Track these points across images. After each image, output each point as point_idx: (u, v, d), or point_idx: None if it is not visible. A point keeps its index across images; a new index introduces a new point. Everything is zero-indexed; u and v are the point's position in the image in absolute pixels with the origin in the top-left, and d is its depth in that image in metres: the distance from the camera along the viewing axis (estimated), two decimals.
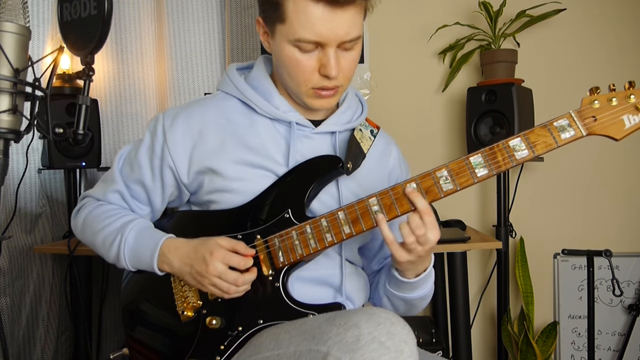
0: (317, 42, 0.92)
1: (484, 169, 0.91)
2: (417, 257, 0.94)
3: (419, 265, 0.98)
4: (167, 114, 1.04)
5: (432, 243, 0.92)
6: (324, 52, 0.93)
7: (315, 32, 0.90)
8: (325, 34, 0.90)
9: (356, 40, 0.94)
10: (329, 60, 0.92)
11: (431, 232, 0.91)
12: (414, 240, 0.90)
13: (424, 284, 1.03)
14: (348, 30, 0.91)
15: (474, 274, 2.20)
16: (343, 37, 0.91)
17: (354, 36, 0.93)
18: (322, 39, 0.91)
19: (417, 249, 0.91)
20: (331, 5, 0.88)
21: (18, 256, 1.78)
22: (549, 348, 2.02)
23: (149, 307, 1.05)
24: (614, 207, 2.19)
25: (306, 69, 0.94)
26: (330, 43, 0.91)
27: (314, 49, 0.93)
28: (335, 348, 0.74)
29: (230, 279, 0.92)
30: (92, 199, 1.10)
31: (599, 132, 0.90)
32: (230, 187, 0.99)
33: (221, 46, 2.12)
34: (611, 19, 2.17)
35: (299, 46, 0.93)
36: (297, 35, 0.91)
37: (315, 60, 0.94)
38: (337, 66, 0.93)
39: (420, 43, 2.20)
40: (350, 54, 0.95)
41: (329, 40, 0.91)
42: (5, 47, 0.77)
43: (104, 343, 2.08)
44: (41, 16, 1.81)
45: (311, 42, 0.91)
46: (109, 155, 2.05)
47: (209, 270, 0.92)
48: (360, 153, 1.04)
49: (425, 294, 1.05)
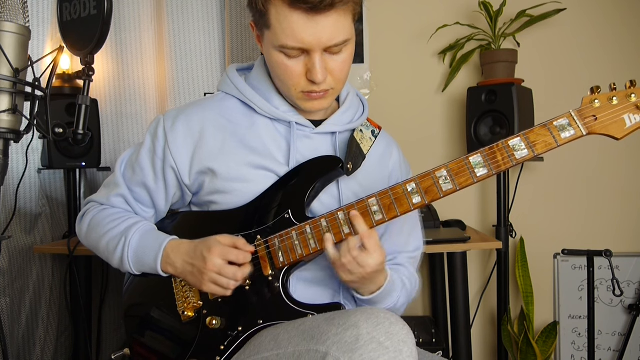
0: (301, 49, 0.91)
1: (484, 168, 0.91)
2: (361, 279, 0.93)
3: (368, 285, 0.96)
4: (168, 116, 1.04)
5: (373, 267, 0.91)
6: (310, 57, 0.92)
7: (297, 38, 0.90)
8: (307, 40, 0.90)
9: (344, 44, 0.93)
10: (314, 65, 0.92)
11: (370, 257, 0.90)
12: (351, 260, 0.90)
13: (383, 299, 1.00)
14: (332, 35, 0.90)
15: (474, 274, 2.20)
16: (327, 42, 0.91)
17: (340, 40, 0.92)
18: (304, 45, 0.90)
19: (356, 270, 0.91)
20: (309, 12, 0.87)
21: (18, 256, 1.78)
22: (549, 348, 2.02)
23: (150, 307, 1.05)
24: (614, 207, 2.19)
25: (293, 74, 0.95)
26: (314, 49, 0.91)
27: (300, 54, 0.93)
28: (334, 348, 0.74)
29: (229, 273, 0.92)
30: (96, 204, 1.10)
31: (600, 131, 0.89)
32: (231, 187, 0.99)
33: (221, 46, 2.12)
34: (611, 19, 2.17)
35: (284, 52, 0.93)
36: (281, 42, 0.91)
37: (302, 65, 0.94)
38: (323, 71, 0.93)
39: (420, 43, 2.20)
40: (339, 57, 0.95)
41: (312, 46, 0.90)
42: (5, 47, 0.77)
43: (104, 343, 2.08)
44: (41, 16, 1.81)
45: (295, 48, 0.91)
46: (109, 155, 2.05)
47: (207, 266, 0.92)
48: (361, 154, 1.04)
49: (392, 306, 1.02)
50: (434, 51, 2.21)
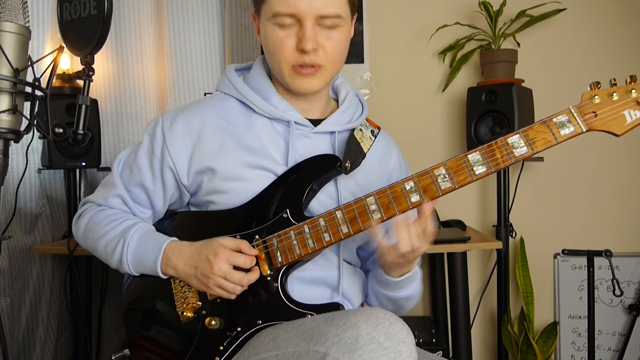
0: (293, 15, 0.93)
1: (483, 166, 0.90)
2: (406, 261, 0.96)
3: (405, 266, 1.00)
4: (166, 116, 1.04)
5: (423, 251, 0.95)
6: (301, 27, 0.94)
7: (290, 3, 0.92)
8: (299, 6, 0.92)
9: (336, 19, 0.95)
10: (305, 33, 0.93)
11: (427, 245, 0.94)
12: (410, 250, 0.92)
13: (408, 283, 1.03)
14: (324, 4, 0.92)
15: (474, 274, 2.20)
16: (319, 10, 0.92)
17: (332, 12, 0.93)
18: (297, 10, 0.92)
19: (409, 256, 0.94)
20: None
21: (18, 256, 1.78)
22: (549, 348, 2.01)
23: (150, 308, 1.05)
24: (614, 207, 2.19)
25: (286, 46, 0.95)
26: (306, 16, 0.92)
27: (293, 23, 0.94)
28: (333, 348, 0.74)
29: (236, 279, 0.92)
30: (93, 205, 1.09)
31: (600, 127, 0.88)
32: (229, 187, 0.99)
33: (221, 46, 2.12)
34: (611, 18, 2.17)
35: (278, 23, 0.94)
36: (274, 9, 0.93)
37: (294, 37, 0.95)
38: (313, 40, 0.94)
39: (420, 43, 2.20)
40: (332, 34, 0.96)
41: (304, 12, 0.92)
42: (5, 47, 0.77)
43: (104, 343, 2.08)
44: (41, 16, 1.81)
45: (287, 14, 0.93)
46: (109, 155, 2.05)
47: (213, 270, 0.91)
48: (360, 152, 1.04)
49: (411, 294, 1.06)
50: (434, 51, 2.21)
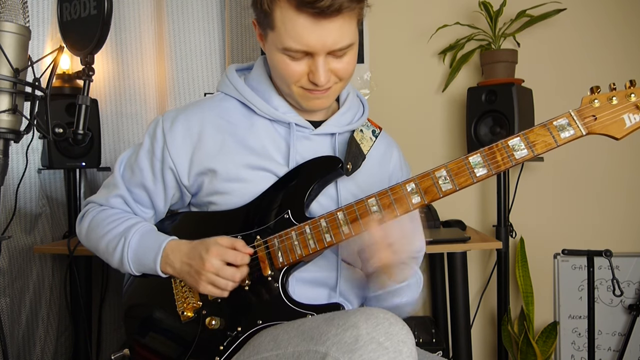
0: (305, 52, 0.92)
1: (483, 168, 0.91)
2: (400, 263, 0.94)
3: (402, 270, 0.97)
4: (167, 117, 1.04)
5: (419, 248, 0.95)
6: (313, 60, 0.93)
7: (302, 42, 0.90)
8: (312, 44, 0.90)
9: (348, 48, 0.93)
10: (317, 69, 0.92)
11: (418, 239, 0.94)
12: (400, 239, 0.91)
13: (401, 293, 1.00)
14: (336, 39, 0.90)
15: (474, 274, 2.20)
16: (331, 46, 0.91)
17: (344, 45, 0.92)
18: (309, 48, 0.91)
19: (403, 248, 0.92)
20: (316, 16, 0.87)
21: (18, 256, 1.78)
22: (549, 348, 2.02)
23: (150, 307, 1.05)
24: (614, 207, 2.19)
25: (295, 72, 0.95)
26: (318, 52, 0.91)
27: (303, 56, 0.93)
28: (333, 348, 0.74)
29: (227, 274, 0.92)
30: (96, 205, 1.10)
31: (599, 131, 0.89)
32: (230, 188, 0.99)
33: (221, 46, 2.12)
34: (612, 18, 2.17)
35: (288, 54, 0.93)
36: (285, 44, 0.91)
37: (305, 66, 0.94)
38: (326, 74, 0.93)
39: (420, 43, 2.20)
40: (343, 59, 0.95)
41: (316, 49, 0.91)
42: (5, 47, 0.77)
43: (104, 343, 2.08)
44: (41, 16, 1.81)
45: (299, 51, 0.92)
46: (109, 155, 2.05)
47: (205, 266, 0.92)
48: (360, 154, 1.04)
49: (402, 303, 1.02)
50: (434, 51, 2.21)
